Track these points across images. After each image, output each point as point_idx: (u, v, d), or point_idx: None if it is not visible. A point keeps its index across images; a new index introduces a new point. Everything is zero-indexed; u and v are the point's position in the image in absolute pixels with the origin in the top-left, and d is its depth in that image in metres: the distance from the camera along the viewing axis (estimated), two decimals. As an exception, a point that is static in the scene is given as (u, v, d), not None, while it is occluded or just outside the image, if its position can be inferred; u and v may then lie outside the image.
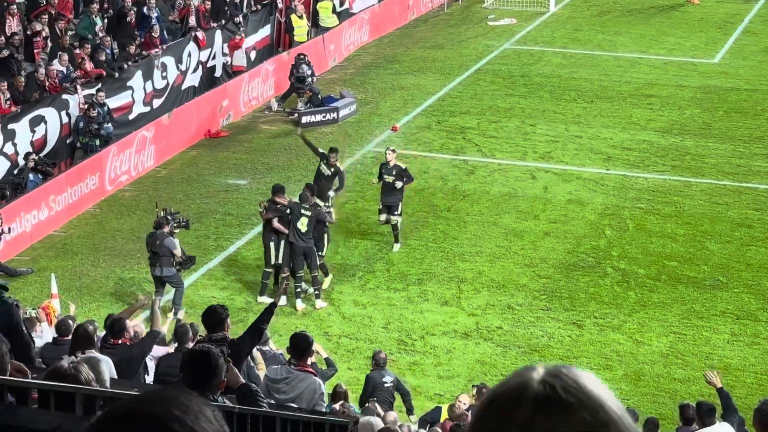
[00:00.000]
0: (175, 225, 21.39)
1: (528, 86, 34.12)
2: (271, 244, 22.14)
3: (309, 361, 12.84)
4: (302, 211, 21.70)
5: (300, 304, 21.88)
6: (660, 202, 26.28)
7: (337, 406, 14.47)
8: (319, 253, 22.24)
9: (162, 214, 21.30)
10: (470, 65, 36.02)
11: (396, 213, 23.77)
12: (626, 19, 40.93)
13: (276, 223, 21.93)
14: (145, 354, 13.14)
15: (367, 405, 15.72)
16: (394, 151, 24.28)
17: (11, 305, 10.73)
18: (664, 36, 39.02)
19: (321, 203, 23.02)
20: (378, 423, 12.09)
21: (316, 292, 21.99)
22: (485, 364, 19.93)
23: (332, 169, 24.00)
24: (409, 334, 20.99)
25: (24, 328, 10.89)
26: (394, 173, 23.73)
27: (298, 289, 21.85)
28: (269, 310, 12.57)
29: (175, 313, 20.13)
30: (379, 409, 15.21)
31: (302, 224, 21.66)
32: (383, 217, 23.94)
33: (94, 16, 29.81)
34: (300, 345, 12.11)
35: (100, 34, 29.32)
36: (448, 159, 28.86)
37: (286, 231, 21.79)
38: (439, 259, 23.62)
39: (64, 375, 5.86)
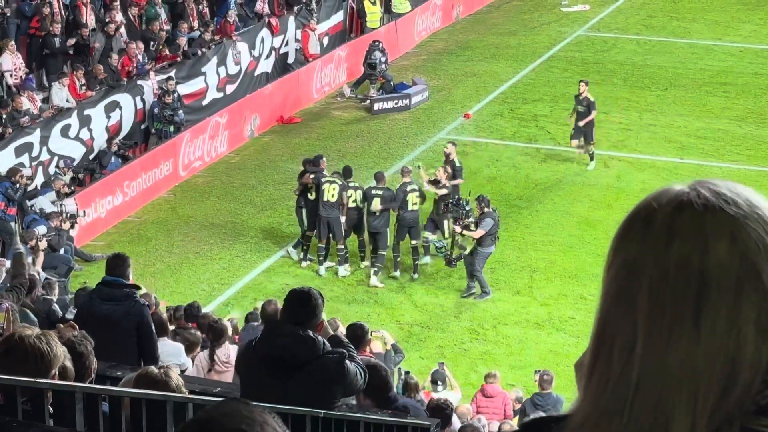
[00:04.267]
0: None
1: (601, 73, 33.83)
2: (303, 211, 22.98)
3: (368, 350, 12.85)
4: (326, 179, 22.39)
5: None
6: (735, 192, 25.91)
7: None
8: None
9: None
10: (543, 52, 35.80)
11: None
12: (701, 6, 40.41)
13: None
14: None
15: None
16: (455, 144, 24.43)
17: (143, 306, 10.66)
18: (740, 23, 38.51)
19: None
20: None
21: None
22: (558, 354, 19.82)
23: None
24: (481, 323, 20.94)
25: (154, 331, 10.76)
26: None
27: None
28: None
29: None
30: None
31: (329, 194, 22.18)
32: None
33: (158, 7, 29.77)
34: (356, 334, 12.19)
35: (165, 27, 29.23)
36: (521, 147, 28.72)
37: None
38: (511, 248, 23.51)
39: (155, 381, 5.87)
